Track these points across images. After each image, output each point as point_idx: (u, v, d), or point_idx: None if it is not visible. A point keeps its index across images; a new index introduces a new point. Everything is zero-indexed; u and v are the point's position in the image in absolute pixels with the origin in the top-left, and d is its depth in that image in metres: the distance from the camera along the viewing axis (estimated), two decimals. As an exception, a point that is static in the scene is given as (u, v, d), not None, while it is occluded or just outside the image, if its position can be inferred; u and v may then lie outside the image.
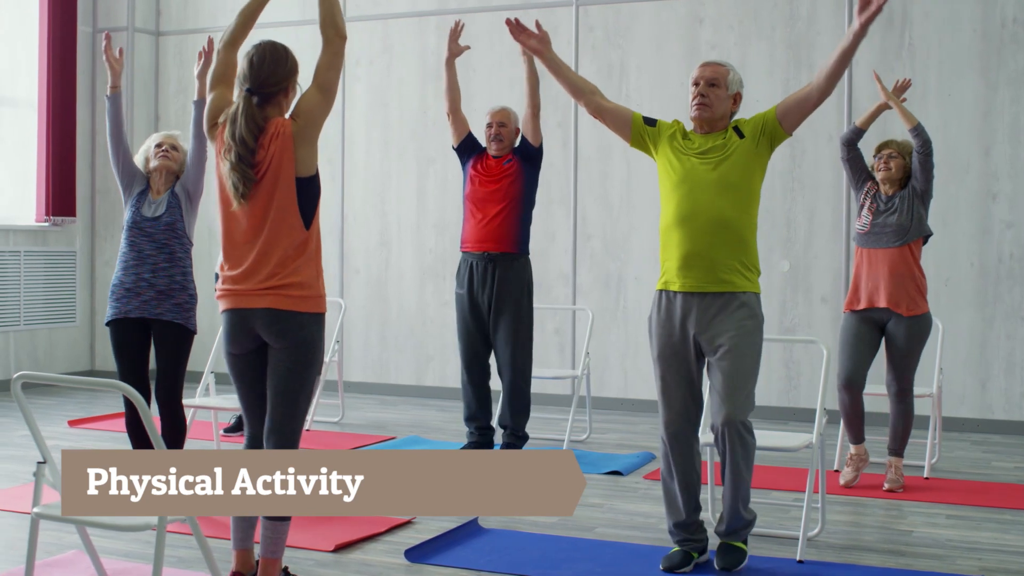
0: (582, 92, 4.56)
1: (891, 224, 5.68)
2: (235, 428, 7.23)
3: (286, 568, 3.84)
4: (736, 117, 4.46)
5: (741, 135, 4.32)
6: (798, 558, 4.45)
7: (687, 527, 4.41)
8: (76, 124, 9.25)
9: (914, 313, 5.67)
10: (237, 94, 3.71)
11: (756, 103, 6.89)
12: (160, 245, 4.95)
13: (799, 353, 7.87)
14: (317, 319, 3.71)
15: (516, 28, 4.60)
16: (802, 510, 4.62)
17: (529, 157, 6.38)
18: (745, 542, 4.40)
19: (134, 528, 3.19)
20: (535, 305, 6.33)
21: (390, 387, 9.05)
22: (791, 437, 4.80)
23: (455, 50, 6.46)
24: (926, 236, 5.74)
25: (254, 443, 3.82)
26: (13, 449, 6.57)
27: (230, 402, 5.74)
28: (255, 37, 3.91)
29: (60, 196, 9.11)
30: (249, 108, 3.64)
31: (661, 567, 4.35)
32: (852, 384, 5.79)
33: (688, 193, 4.29)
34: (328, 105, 3.71)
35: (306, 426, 7.41)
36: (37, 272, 9.11)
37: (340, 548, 4.55)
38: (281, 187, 3.63)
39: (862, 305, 5.76)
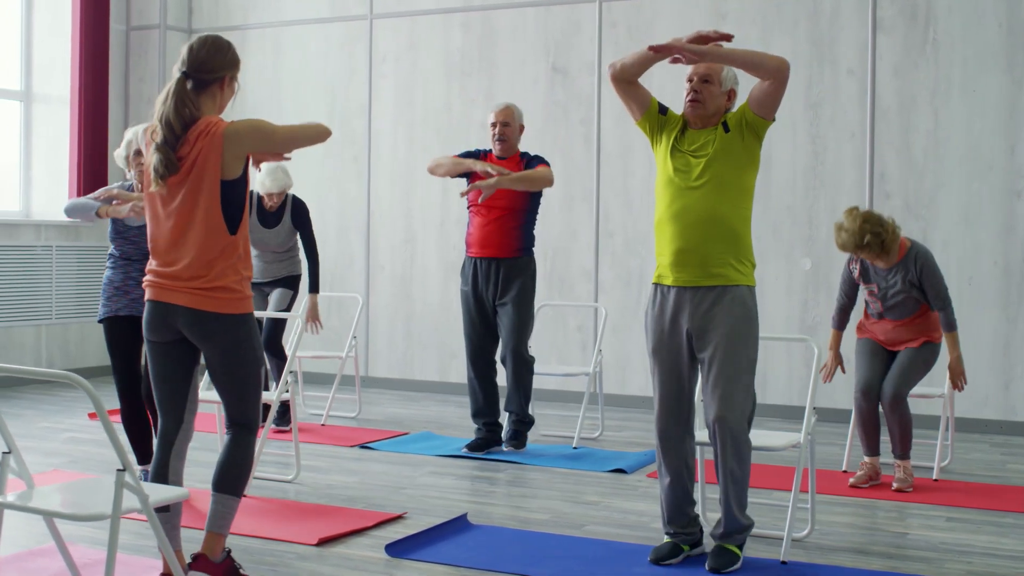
0: (633, 82, 4.34)
1: (900, 299, 5.70)
2: (279, 420, 7.01)
3: (229, 551, 3.86)
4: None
5: (728, 129, 4.29)
6: (782, 559, 4.40)
7: (679, 521, 4.40)
8: (108, 121, 9.38)
9: (927, 341, 5.76)
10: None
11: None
12: (145, 251, 5.08)
13: (820, 352, 7.74)
14: (243, 319, 3.72)
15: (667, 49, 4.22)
16: (787, 510, 4.56)
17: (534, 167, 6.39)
18: (740, 547, 4.35)
19: (91, 518, 3.23)
20: (556, 302, 6.29)
21: (414, 383, 9.08)
22: (779, 436, 4.73)
23: (481, 177, 6.28)
24: None
25: (165, 438, 3.81)
26: (31, 440, 6.67)
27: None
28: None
29: (92, 192, 9.23)
30: (181, 90, 3.62)
31: (649, 559, 4.36)
32: (870, 391, 5.73)
33: (679, 189, 4.28)
34: (271, 143, 3.68)
35: (321, 420, 7.47)
36: (69, 267, 9.26)
37: (324, 542, 4.57)
38: (206, 189, 3.61)
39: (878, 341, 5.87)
